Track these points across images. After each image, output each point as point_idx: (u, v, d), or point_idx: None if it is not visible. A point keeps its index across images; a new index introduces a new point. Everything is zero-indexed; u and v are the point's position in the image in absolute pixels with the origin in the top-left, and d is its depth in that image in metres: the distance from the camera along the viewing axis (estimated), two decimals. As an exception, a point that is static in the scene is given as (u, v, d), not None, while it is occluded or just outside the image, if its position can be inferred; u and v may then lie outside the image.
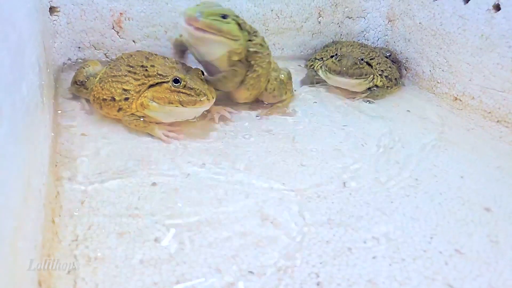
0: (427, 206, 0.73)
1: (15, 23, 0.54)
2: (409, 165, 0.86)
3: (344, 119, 1.05)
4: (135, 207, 0.67)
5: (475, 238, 0.66)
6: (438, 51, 1.22)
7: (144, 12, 1.19)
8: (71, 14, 1.12)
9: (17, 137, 0.48)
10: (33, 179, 0.54)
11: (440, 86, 1.23)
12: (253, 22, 1.29)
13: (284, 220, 0.67)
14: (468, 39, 1.11)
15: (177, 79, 0.84)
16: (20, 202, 0.46)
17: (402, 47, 1.37)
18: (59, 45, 1.14)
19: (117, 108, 0.88)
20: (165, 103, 0.85)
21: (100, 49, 1.19)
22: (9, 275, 0.39)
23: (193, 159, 0.81)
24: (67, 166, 0.76)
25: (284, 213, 0.68)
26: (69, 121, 0.91)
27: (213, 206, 0.69)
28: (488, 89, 1.08)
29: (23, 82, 0.54)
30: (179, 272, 0.55)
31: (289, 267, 0.58)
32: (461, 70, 1.14)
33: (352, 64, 1.13)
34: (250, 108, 1.05)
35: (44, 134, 0.70)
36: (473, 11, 1.08)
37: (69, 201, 0.67)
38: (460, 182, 0.81)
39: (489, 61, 1.06)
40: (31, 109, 0.58)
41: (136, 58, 0.93)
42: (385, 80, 1.22)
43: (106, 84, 0.90)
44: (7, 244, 0.39)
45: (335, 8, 1.39)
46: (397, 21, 1.38)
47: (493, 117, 1.07)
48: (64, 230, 0.61)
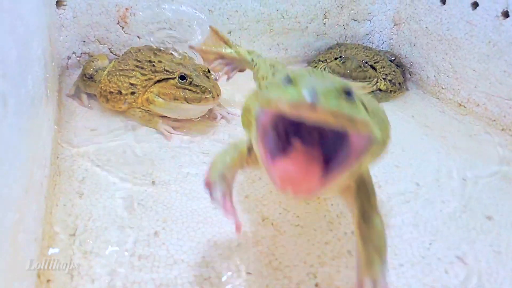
0: (427, 212, 0.73)
1: (23, 16, 0.54)
2: (409, 169, 0.86)
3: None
4: (137, 202, 0.67)
5: (477, 247, 0.66)
6: (444, 56, 1.21)
7: (150, 8, 1.19)
8: (77, 8, 1.12)
9: (21, 129, 0.48)
10: (35, 171, 0.54)
11: (445, 92, 1.22)
12: (258, 21, 1.29)
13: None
14: (475, 45, 1.10)
15: (183, 76, 0.84)
16: (22, 195, 0.46)
17: (407, 51, 1.37)
18: (64, 38, 1.15)
19: (123, 102, 0.89)
20: (170, 99, 0.85)
21: (104, 43, 1.19)
22: (9, 267, 0.39)
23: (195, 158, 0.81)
24: (68, 159, 0.76)
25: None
26: (71, 115, 0.91)
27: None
28: (493, 96, 1.07)
29: (28, 75, 0.54)
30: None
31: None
32: (467, 76, 1.14)
33: (356, 67, 1.13)
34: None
35: (47, 127, 0.70)
36: (481, 17, 1.08)
37: (67, 193, 0.67)
38: (462, 189, 0.81)
39: (496, 68, 1.05)
40: (36, 102, 0.59)
41: (144, 53, 0.94)
42: (389, 84, 1.21)
43: (114, 78, 0.90)
44: (9, 237, 0.39)
45: (341, 10, 1.39)
46: (403, 25, 1.38)
47: (498, 125, 1.07)
48: (62, 222, 0.61)
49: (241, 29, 1.29)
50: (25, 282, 0.45)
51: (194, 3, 1.20)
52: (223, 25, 1.26)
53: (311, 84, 0.35)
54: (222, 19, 1.25)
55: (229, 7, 1.24)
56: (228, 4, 1.23)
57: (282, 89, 0.37)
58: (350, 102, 0.37)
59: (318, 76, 0.48)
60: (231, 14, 1.25)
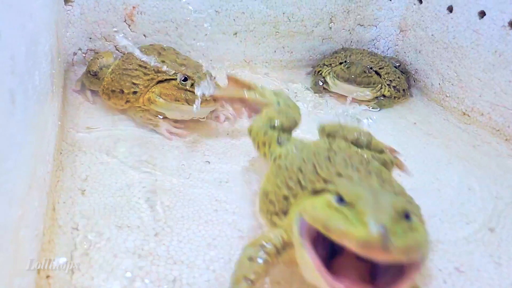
0: (427, 222, 0.72)
1: (31, 12, 0.55)
2: (410, 177, 0.86)
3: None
4: (137, 202, 0.68)
5: (476, 257, 0.65)
6: (449, 64, 1.21)
7: (157, 7, 1.19)
8: (85, 5, 1.13)
9: (27, 125, 0.48)
10: (38, 167, 0.54)
11: (449, 100, 1.22)
12: (264, 23, 1.29)
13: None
14: (481, 54, 1.10)
15: (186, 77, 0.84)
16: (26, 191, 0.46)
17: (412, 58, 1.36)
18: (71, 35, 1.15)
19: (124, 101, 0.89)
20: (171, 100, 0.85)
21: (110, 41, 1.20)
22: (11, 263, 0.39)
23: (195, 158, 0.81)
24: (71, 155, 0.76)
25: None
26: (76, 111, 0.92)
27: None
28: (498, 106, 1.07)
29: (36, 71, 0.54)
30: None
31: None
32: (472, 85, 1.13)
33: (361, 72, 1.13)
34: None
35: (52, 123, 0.70)
36: (488, 27, 1.07)
37: (69, 190, 0.67)
38: (464, 198, 0.81)
39: (501, 78, 1.05)
40: (42, 98, 0.59)
41: (148, 52, 0.94)
42: (393, 90, 1.21)
43: (117, 76, 0.90)
44: (11, 233, 0.39)
45: (347, 14, 1.39)
46: (409, 31, 1.37)
47: (501, 135, 1.06)
48: (64, 218, 0.61)
49: (247, 31, 1.29)
50: (25, 278, 0.45)
51: (201, 4, 1.20)
52: (229, 26, 1.26)
53: (375, 215, 0.34)
54: (229, 20, 1.25)
55: (235, 8, 1.24)
56: (235, 6, 1.24)
57: (341, 217, 0.36)
58: (410, 224, 0.37)
59: (366, 180, 0.47)
60: (237, 16, 1.25)
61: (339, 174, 0.49)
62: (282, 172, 0.54)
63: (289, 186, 0.50)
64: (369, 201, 0.38)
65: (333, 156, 0.53)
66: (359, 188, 0.43)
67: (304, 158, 0.54)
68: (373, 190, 0.43)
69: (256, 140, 0.68)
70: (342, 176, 0.48)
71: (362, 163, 0.52)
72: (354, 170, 0.50)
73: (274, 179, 0.54)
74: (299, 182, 0.50)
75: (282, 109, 0.71)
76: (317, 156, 0.53)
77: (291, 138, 0.67)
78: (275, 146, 0.64)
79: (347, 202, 0.38)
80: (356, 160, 0.53)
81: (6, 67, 0.39)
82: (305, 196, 0.47)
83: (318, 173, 0.49)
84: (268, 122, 0.68)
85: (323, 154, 0.54)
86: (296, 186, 0.50)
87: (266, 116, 0.70)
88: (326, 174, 0.49)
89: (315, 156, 0.53)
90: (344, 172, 0.49)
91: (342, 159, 0.52)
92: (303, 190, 0.49)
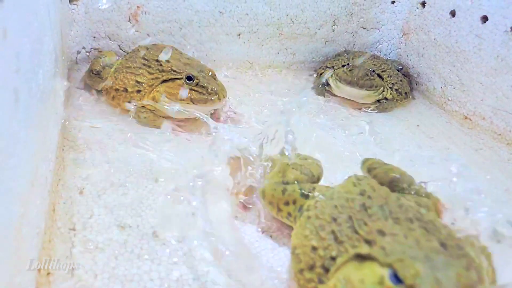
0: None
1: (37, 11, 0.55)
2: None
3: (349, 131, 1.05)
4: (138, 202, 0.68)
5: (476, 261, 0.65)
6: (451, 68, 1.21)
7: (161, 7, 1.19)
8: (89, 4, 1.13)
9: (30, 123, 0.48)
10: (40, 165, 0.54)
11: (451, 104, 1.22)
12: (268, 25, 1.29)
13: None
14: (483, 59, 1.10)
15: (190, 77, 0.85)
16: (28, 189, 0.46)
17: (414, 62, 1.36)
18: (75, 33, 1.16)
19: (128, 99, 0.89)
20: (176, 100, 0.85)
21: (114, 40, 1.20)
22: (13, 261, 0.39)
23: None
24: (73, 152, 0.76)
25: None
26: (78, 110, 0.92)
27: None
28: (500, 110, 1.07)
29: (40, 70, 0.55)
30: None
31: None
32: (474, 89, 1.13)
33: (363, 75, 1.13)
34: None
35: (54, 121, 0.70)
36: (491, 31, 1.07)
37: (70, 189, 0.67)
38: (466, 202, 0.80)
39: (503, 82, 1.05)
40: (45, 96, 0.59)
41: (152, 51, 0.94)
42: (395, 93, 1.21)
43: (120, 75, 0.91)
44: (13, 231, 0.39)
45: (350, 17, 1.39)
46: (411, 35, 1.38)
47: (503, 139, 1.06)
48: (63, 217, 0.61)
49: (251, 32, 1.29)
50: (26, 276, 0.45)
51: (205, 5, 1.20)
52: (233, 27, 1.26)
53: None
54: (232, 22, 1.26)
55: (239, 9, 1.24)
56: (239, 7, 1.24)
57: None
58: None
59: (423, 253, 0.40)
60: (241, 17, 1.26)
61: (381, 232, 0.42)
62: (311, 221, 0.47)
63: (321, 237, 0.44)
64: (429, 282, 0.34)
65: (369, 202, 0.46)
66: (417, 264, 0.36)
67: (336, 205, 0.47)
68: (431, 260, 0.37)
69: (274, 203, 0.55)
70: (385, 235, 0.41)
71: (401, 208, 0.46)
72: (395, 223, 0.43)
73: (302, 231, 0.47)
74: (333, 233, 0.43)
75: (296, 163, 0.60)
76: (351, 203, 0.47)
77: (316, 186, 0.57)
78: (301, 200, 0.54)
79: (405, 284, 0.34)
80: (392, 205, 0.46)
81: (11, 65, 0.39)
82: (345, 257, 0.41)
83: (356, 231, 0.43)
84: (282, 179, 0.57)
85: (357, 200, 0.47)
86: (329, 237, 0.43)
87: (278, 171, 0.59)
88: (366, 233, 0.42)
89: (349, 202, 0.47)
90: (385, 226, 0.42)
91: (379, 207, 0.46)
92: (338, 244, 0.42)
